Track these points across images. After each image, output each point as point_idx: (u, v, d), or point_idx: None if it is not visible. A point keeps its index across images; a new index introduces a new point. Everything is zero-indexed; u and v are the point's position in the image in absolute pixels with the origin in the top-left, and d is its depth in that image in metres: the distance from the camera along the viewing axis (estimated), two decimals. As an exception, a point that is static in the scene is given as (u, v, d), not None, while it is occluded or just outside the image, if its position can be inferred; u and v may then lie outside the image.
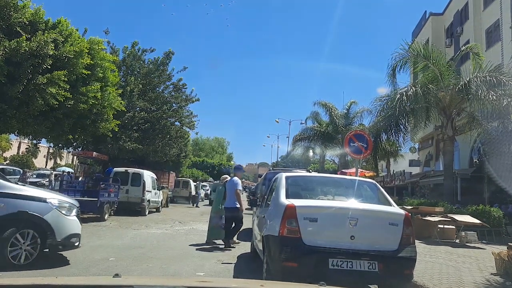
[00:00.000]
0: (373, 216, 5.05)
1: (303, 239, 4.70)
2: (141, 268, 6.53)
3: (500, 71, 14.45)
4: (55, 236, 6.11)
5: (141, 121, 21.94)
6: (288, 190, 5.50)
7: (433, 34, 26.96)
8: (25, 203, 5.96)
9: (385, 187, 17.61)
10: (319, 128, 29.77)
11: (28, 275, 5.71)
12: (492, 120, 14.21)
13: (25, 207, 5.92)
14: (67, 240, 6.30)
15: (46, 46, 11.31)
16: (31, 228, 5.96)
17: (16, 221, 5.85)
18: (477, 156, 20.49)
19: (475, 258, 8.70)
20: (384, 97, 16.68)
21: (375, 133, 16.30)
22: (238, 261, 7.67)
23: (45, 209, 6.09)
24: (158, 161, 26.74)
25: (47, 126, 12.86)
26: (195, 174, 47.85)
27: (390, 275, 4.77)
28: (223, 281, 3.32)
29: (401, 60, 16.05)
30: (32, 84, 11.26)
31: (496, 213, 12.76)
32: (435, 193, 19.93)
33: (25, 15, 11.54)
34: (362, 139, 10.81)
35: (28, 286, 1.96)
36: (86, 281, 2.34)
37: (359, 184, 6.05)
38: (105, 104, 14.52)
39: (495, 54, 19.23)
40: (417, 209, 13.43)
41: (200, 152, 64.90)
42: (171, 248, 8.84)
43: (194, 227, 13.54)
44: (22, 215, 5.88)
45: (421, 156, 29.61)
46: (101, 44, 14.41)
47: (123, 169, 18.06)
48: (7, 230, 5.71)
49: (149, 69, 23.43)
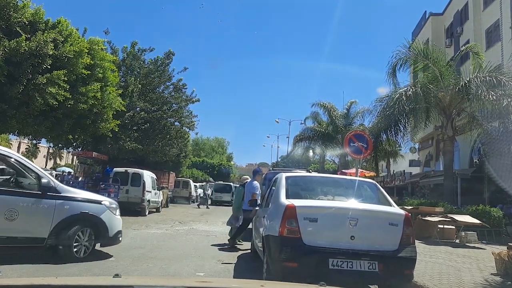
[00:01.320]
0: (373, 216, 5.05)
1: (303, 239, 4.70)
2: (141, 268, 6.53)
3: (500, 71, 14.45)
4: (108, 233, 7.08)
5: (141, 121, 21.95)
6: (288, 190, 5.50)
7: (433, 34, 26.96)
8: (85, 205, 6.90)
9: (385, 187, 17.61)
10: (319, 128, 29.77)
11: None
12: (492, 120, 14.22)
13: (85, 209, 6.86)
14: (115, 236, 7.28)
15: (46, 46, 11.32)
16: (89, 226, 6.89)
17: (78, 221, 6.75)
18: (477, 156, 20.49)
19: (475, 258, 8.70)
20: (384, 98, 16.68)
21: (375, 133, 16.30)
22: (238, 261, 7.66)
23: (101, 209, 7.06)
24: (158, 161, 26.75)
25: (47, 126, 12.87)
26: (195, 174, 47.84)
27: (390, 275, 4.77)
28: (223, 281, 3.32)
29: (401, 58, 16.05)
30: (32, 84, 11.27)
31: (496, 213, 12.76)
32: (435, 193, 19.92)
33: (25, 15, 11.55)
34: (362, 139, 10.80)
35: (28, 286, 1.96)
36: (86, 281, 2.34)
37: (359, 184, 6.05)
38: (105, 104, 14.53)
39: (495, 54, 19.23)
40: (417, 209, 13.43)
41: (200, 152, 64.86)
42: (171, 248, 8.84)
43: (194, 227, 13.54)
44: (84, 216, 6.81)
45: (421, 156, 29.62)
46: (101, 44, 14.43)
47: (123, 169, 18.05)
48: (72, 228, 6.61)
49: (149, 69, 23.45)
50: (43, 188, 6.40)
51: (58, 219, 6.49)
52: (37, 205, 6.36)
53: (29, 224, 6.33)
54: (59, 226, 6.49)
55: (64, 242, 6.49)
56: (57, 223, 6.48)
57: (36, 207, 6.34)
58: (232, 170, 71.56)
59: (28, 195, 6.34)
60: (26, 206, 6.26)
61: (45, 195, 6.42)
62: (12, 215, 6.10)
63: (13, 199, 6.19)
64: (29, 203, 6.29)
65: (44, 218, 6.41)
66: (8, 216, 6.07)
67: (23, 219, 6.19)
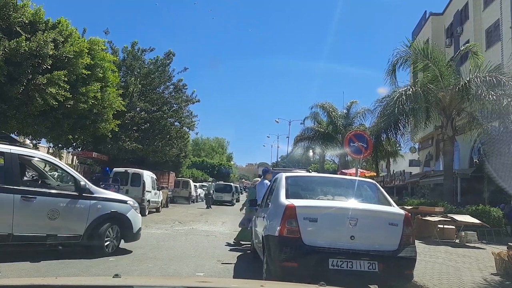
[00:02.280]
0: (373, 216, 5.05)
1: (303, 239, 4.70)
2: (141, 268, 6.53)
3: (500, 71, 14.45)
4: (132, 229, 7.77)
5: (141, 121, 21.96)
6: (288, 190, 5.49)
7: (433, 34, 26.95)
8: (114, 204, 7.56)
9: (385, 187, 17.62)
10: (319, 129, 29.76)
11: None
12: (492, 120, 14.21)
13: (115, 208, 7.51)
14: (138, 233, 7.98)
15: (46, 46, 11.33)
16: (117, 224, 7.53)
17: (109, 219, 7.36)
18: (477, 156, 20.49)
19: (475, 258, 8.69)
20: (384, 98, 16.70)
21: (375, 133, 16.30)
22: (238, 261, 7.66)
23: (127, 208, 7.76)
24: (158, 161, 26.74)
25: (47, 126, 12.88)
26: (195, 174, 47.81)
27: (390, 275, 4.77)
28: (223, 281, 3.32)
29: (402, 57, 16.03)
30: (32, 84, 11.27)
31: (496, 213, 12.76)
32: (435, 193, 19.91)
33: (25, 15, 11.55)
34: (362, 139, 10.81)
35: (28, 286, 1.96)
36: (86, 281, 2.34)
37: (359, 184, 6.05)
38: (105, 104, 14.55)
39: (495, 54, 19.23)
40: (417, 209, 13.43)
41: (200, 152, 64.86)
42: (171, 248, 8.84)
43: (194, 227, 13.54)
44: (113, 214, 7.44)
45: (421, 156, 29.61)
46: (101, 44, 14.44)
47: (123, 169, 18.03)
48: (103, 226, 7.23)
49: (149, 69, 23.46)
50: (79, 190, 7.03)
51: (92, 217, 7.12)
52: (75, 205, 6.99)
53: (68, 222, 6.93)
54: (93, 224, 7.11)
55: (97, 238, 7.11)
56: (91, 221, 7.10)
57: (74, 207, 6.98)
58: (232, 170, 71.63)
59: (67, 196, 6.97)
60: (66, 206, 6.87)
61: (81, 196, 7.05)
62: (54, 214, 6.70)
63: (55, 200, 6.80)
64: (68, 204, 6.92)
65: (80, 217, 7.05)
66: (50, 215, 6.66)
67: (63, 218, 6.79)
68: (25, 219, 6.44)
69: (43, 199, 6.64)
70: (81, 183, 7.06)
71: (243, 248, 9.19)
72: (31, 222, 6.54)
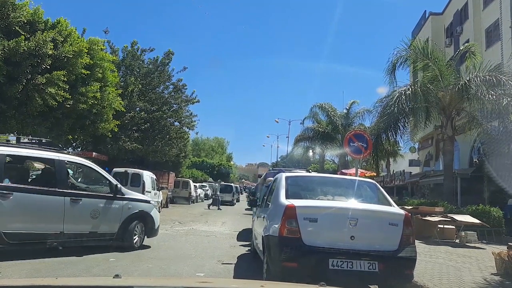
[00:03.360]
0: (373, 216, 5.05)
1: (303, 239, 4.69)
2: (141, 269, 6.52)
3: (500, 71, 14.44)
4: (154, 226, 8.65)
5: (141, 121, 21.93)
6: (288, 190, 5.49)
7: (433, 33, 26.94)
8: (141, 204, 8.48)
9: (385, 187, 17.61)
10: (319, 129, 29.75)
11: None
12: (492, 120, 14.19)
13: (142, 207, 8.40)
14: (157, 229, 8.88)
15: (45, 45, 11.30)
16: (143, 221, 8.38)
17: (137, 217, 8.18)
18: (477, 156, 20.48)
19: (475, 258, 8.69)
20: (384, 98, 16.69)
21: (375, 133, 16.29)
22: (238, 261, 7.66)
23: (151, 208, 8.70)
24: (158, 161, 26.72)
25: (46, 126, 12.86)
26: (194, 174, 47.78)
27: (390, 275, 4.76)
28: (223, 282, 3.31)
29: (401, 56, 16.01)
30: (31, 84, 11.25)
31: (496, 213, 12.75)
32: (435, 193, 19.92)
33: (24, 14, 11.52)
34: (362, 139, 10.80)
35: (28, 287, 1.95)
36: (86, 282, 2.33)
37: (359, 184, 6.04)
38: (104, 104, 14.52)
39: (495, 53, 19.23)
40: (417, 209, 13.42)
41: (200, 152, 64.83)
42: (171, 249, 8.83)
43: (194, 227, 13.53)
44: (140, 213, 8.28)
45: (421, 156, 29.60)
46: (100, 44, 14.42)
47: (123, 169, 18.00)
48: (132, 223, 8.05)
49: (149, 69, 23.42)
50: (114, 192, 7.82)
51: (124, 216, 7.94)
52: (111, 206, 7.81)
53: (106, 221, 7.71)
54: (125, 222, 7.94)
55: (127, 234, 7.96)
56: (124, 219, 7.92)
57: (110, 207, 7.79)
58: (232, 170, 71.59)
59: (105, 197, 7.76)
60: (104, 206, 7.68)
61: (116, 197, 7.86)
62: (95, 214, 7.48)
63: (96, 201, 7.61)
64: (106, 204, 7.72)
65: (115, 216, 7.85)
66: (93, 215, 7.45)
67: (102, 217, 7.59)
68: (73, 218, 7.18)
69: (87, 201, 7.42)
70: (116, 186, 7.86)
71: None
72: (77, 221, 7.29)
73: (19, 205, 6.56)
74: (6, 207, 6.37)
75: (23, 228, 6.60)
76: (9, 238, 6.37)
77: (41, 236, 6.83)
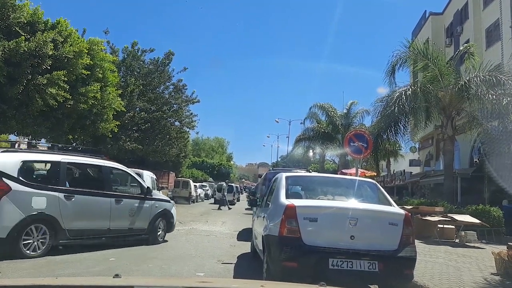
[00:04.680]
0: (373, 216, 5.05)
1: (303, 239, 4.70)
2: (141, 268, 6.53)
3: (500, 71, 14.43)
4: (173, 223, 9.88)
5: (141, 122, 21.93)
6: (288, 190, 5.49)
7: (433, 33, 26.94)
8: (165, 203, 9.65)
9: (385, 187, 17.61)
10: (319, 129, 29.74)
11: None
12: (492, 120, 14.18)
13: (166, 206, 9.56)
14: (175, 225, 10.14)
15: (45, 46, 11.30)
16: (165, 218, 9.45)
17: (161, 215, 9.31)
18: (477, 155, 20.45)
19: (475, 258, 8.69)
20: (384, 98, 16.68)
21: (375, 133, 16.28)
22: (238, 261, 7.66)
23: (171, 206, 9.89)
24: (158, 161, 26.72)
25: (47, 126, 12.87)
26: (194, 174, 47.78)
27: (390, 275, 4.77)
28: (223, 281, 3.32)
29: (401, 58, 16.01)
30: (31, 84, 11.26)
31: (496, 213, 12.74)
32: (435, 193, 19.91)
33: (24, 15, 11.52)
34: (362, 138, 10.80)
35: (28, 287, 1.96)
36: (86, 282, 2.33)
37: (359, 184, 6.04)
38: (104, 105, 14.52)
39: (495, 53, 19.22)
40: (417, 209, 13.42)
41: (200, 152, 64.81)
42: (171, 248, 8.84)
43: (194, 227, 13.53)
44: (164, 211, 9.42)
45: (421, 155, 29.60)
46: (100, 44, 14.41)
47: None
48: (157, 220, 9.15)
49: (149, 69, 23.42)
50: (145, 193, 8.93)
51: (153, 214, 9.03)
52: (143, 205, 8.87)
53: (140, 218, 8.74)
54: (153, 220, 9.01)
55: (154, 231, 9.04)
56: (152, 217, 9.00)
57: (143, 206, 8.84)
58: (232, 170, 71.57)
59: (138, 198, 8.82)
60: (138, 206, 8.75)
61: (146, 198, 8.93)
62: (132, 212, 8.56)
63: (132, 201, 8.66)
64: (140, 204, 8.79)
65: (146, 214, 8.90)
66: (131, 213, 8.52)
67: (137, 215, 8.68)
68: (117, 216, 8.19)
69: (126, 201, 8.47)
70: (147, 188, 9.02)
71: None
72: (120, 219, 8.29)
73: (79, 206, 7.47)
74: (70, 208, 7.29)
75: (81, 225, 7.50)
76: (71, 234, 7.30)
77: (94, 232, 7.82)
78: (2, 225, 6.46)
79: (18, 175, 6.73)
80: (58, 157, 7.57)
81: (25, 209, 6.68)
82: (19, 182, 6.71)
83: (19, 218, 6.60)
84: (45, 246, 6.91)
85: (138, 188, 9.06)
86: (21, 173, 6.82)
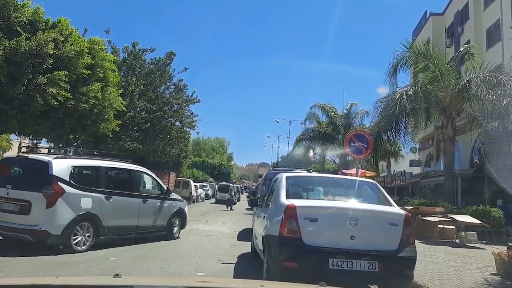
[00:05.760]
0: (373, 216, 5.05)
1: (303, 239, 4.70)
2: (141, 268, 6.53)
3: (500, 71, 14.42)
4: (186, 220, 10.79)
5: (142, 121, 21.91)
6: (289, 190, 5.49)
7: (433, 34, 26.92)
8: (180, 203, 10.61)
9: (385, 187, 17.59)
10: (319, 129, 29.72)
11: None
12: (492, 120, 14.18)
13: (181, 205, 10.51)
14: (187, 222, 11.02)
15: (46, 45, 11.28)
16: (179, 216, 10.35)
17: (177, 213, 10.22)
18: (477, 156, 20.44)
19: (475, 258, 8.69)
20: (385, 98, 16.68)
21: (376, 133, 16.27)
22: (238, 261, 7.66)
23: (184, 205, 10.80)
24: (159, 161, 26.67)
25: (47, 126, 12.85)
26: (195, 174, 47.75)
27: (390, 275, 4.77)
28: (223, 281, 3.32)
29: (402, 59, 16.01)
30: (32, 84, 11.24)
31: (496, 213, 12.74)
32: (436, 193, 19.89)
33: (25, 14, 11.50)
34: (363, 139, 10.80)
35: (28, 286, 1.96)
36: (86, 281, 2.34)
37: (360, 184, 6.05)
38: (105, 104, 14.50)
39: (496, 54, 19.20)
40: (417, 209, 13.42)
41: (201, 152, 64.76)
42: (172, 248, 8.86)
43: (195, 227, 13.52)
44: (180, 210, 10.36)
45: (421, 156, 29.57)
46: (101, 44, 14.38)
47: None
48: (173, 218, 10.03)
49: (150, 69, 23.41)
50: (165, 193, 9.85)
51: (171, 212, 9.94)
52: (164, 204, 9.74)
53: (161, 216, 9.59)
54: (170, 218, 9.90)
55: (171, 227, 9.94)
56: (170, 215, 9.88)
57: (163, 206, 9.71)
58: (233, 170, 71.55)
59: (159, 198, 9.68)
60: (159, 205, 9.60)
61: (165, 198, 9.83)
62: (155, 211, 9.42)
63: (155, 201, 9.51)
64: (160, 203, 9.64)
65: (166, 212, 9.77)
66: (154, 212, 9.38)
67: (159, 213, 9.53)
68: (144, 215, 9.03)
69: (151, 201, 9.30)
70: (167, 189, 10.06)
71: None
72: (146, 217, 9.12)
73: (115, 205, 8.31)
74: (109, 207, 8.12)
75: (117, 223, 8.30)
76: (109, 231, 8.09)
77: (127, 229, 8.60)
78: (58, 223, 7.24)
79: (69, 179, 7.59)
80: (98, 162, 8.57)
81: (75, 209, 7.51)
82: (71, 185, 7.56)
83: (71, 217, 7.42)
84: (89, 242, 7.71)
85: (158, 189, 9.93)
86: (72, 177, 7.68)
